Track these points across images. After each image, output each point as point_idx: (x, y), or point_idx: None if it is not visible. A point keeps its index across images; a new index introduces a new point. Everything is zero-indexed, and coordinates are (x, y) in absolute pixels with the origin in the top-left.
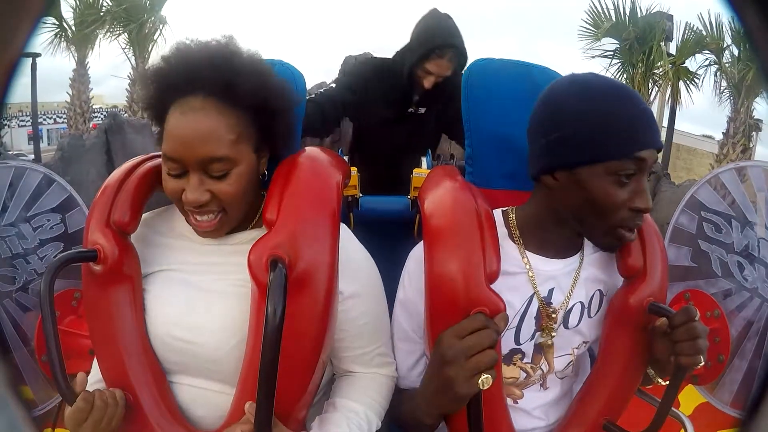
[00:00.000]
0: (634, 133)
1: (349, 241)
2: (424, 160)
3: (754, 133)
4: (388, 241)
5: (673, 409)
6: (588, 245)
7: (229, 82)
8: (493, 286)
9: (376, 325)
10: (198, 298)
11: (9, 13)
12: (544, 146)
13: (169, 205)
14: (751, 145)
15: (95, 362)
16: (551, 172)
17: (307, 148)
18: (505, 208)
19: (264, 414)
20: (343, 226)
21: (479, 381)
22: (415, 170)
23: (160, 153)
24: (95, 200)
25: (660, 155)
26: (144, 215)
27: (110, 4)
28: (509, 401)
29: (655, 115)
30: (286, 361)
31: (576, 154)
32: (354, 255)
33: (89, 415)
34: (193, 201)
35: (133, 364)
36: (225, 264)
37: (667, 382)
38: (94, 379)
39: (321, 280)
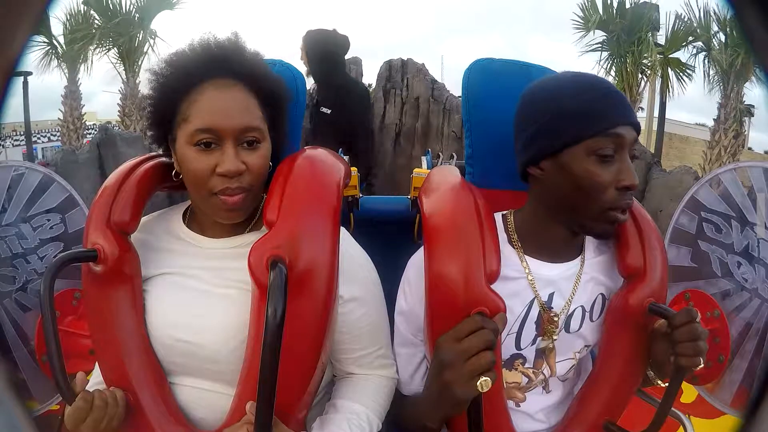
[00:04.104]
0: (606, 109)
1: (348, 243)
2: (424, 160)
3: (746, 118)
4: (389, 241)
5: (673, 409)
6: (589, 249)
7: (252, 69)
8: None
9: (376, 327)
10: (198, 300)
11: (3, 26)
12: (526, 140)
13: (164, 208)
14: (744, 131)
15: (96, 364)
16: (536, 163)
17: (307, 148)
18: (504, 212)
19: (264, 414)
20: (342, 230)
21: (478, 383)
22: (415, 170)
23: (158, 153)
24: (95, 200)
25: (652, 145)
26: (141, 220)
27: (99, 20)
28: (511, 404)
29: (645, 105)
30: (287, 362)
31: (555, 138)
32: (353, 258)
33: (89, 414)
34: (233, 170)
35: (134, 365)
36: (225, 267)
37: (667, 384)
38: (96, 380)
39: (321, 281)
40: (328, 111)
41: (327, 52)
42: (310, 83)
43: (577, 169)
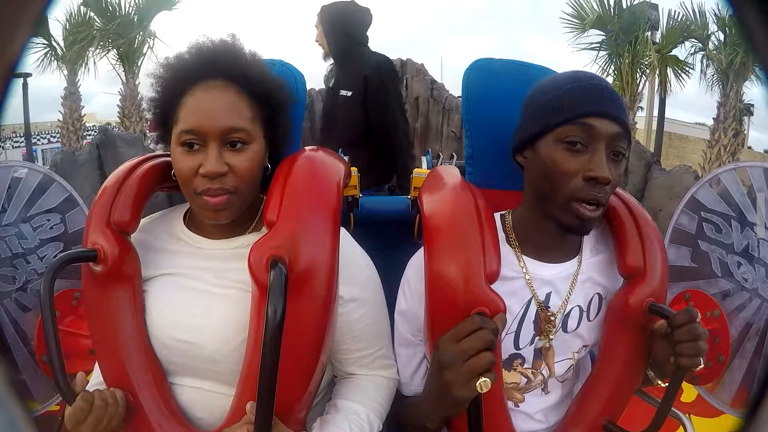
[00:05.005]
0: (577, 100)
1: (348, 244)
2: (424, 160)
3: (745, 117)
4: (389, 241)
5: (673, 409)
6: (586, 249)
7: (245, 71)
8: None
9: (376, 327)
10: (198, 301)
11: (2, 27)
12: (516, 129)
13: (165, 209)
14: (744, 130)
15: (96, 364)
16: (521, 152)
17: (307, 148)
18: (502, 212)
19: (264, 414)
20: (342, 230)
21: (477, 384)
22: (415, 170)
23: (158, 153)
24: (95, 200)
25: (652, 144)
26: (142, 221)
27: (99, 21)
28: (510, 405)
29: (644, 104)
30: (287, 361)
31: (531, 127)
32: (353, 258)
33: (89, 414)
34: (213, 171)
35: (134, 365)
36: (225, 268)
37: (667, 384)
38: (96, 380)
39: (321, 281)
40: (349, 93)
41: (347, 26)
42: (325, 66)
43: (546, 156)
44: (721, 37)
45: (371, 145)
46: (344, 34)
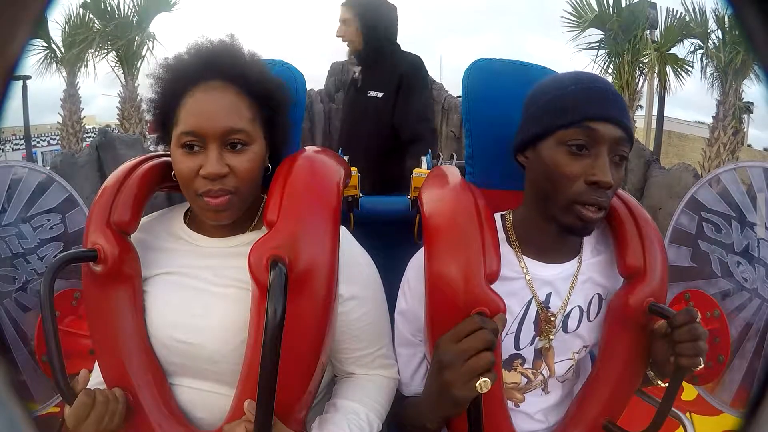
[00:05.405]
0: (580, 103)
1: (348, 243)
2: (424, 160)
3: (745, 115)
4: (389, 241)
5: (673, 409)
6: (586, 249)
7: (244, 71)
8: None
9: (376, 326)
10: (198, 300)
11: (1, 29)
12: (518, 129)
13: (164, 208)
14: (743, 128)
15: (96, 365)
16: (523, 152)
17: (307, 148)
18: (503, 212)
19: (264, 414)
20: (342, 229)
21: (477, 384)
22: (415, 170)
23: (158, 153)
24: (95, 200)
25: (651, 143)
26: (142, 220)
27: (98, 23)
28: (510, 404)
29: (644, 103)
30: (287, 361)
31: (532, 127)
32: (354, 257)
33: (92, 410)
34: (213, 173)
35: (134, 365)
36: (225, 266)
37: (667, 384)
38: (96, 380)
39: (321, 281)
40: (379, 95)
41: (381, 21)
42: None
43: (548, 158)
44: (721, 35)
45: (402, 150)
46: (379, 31)
